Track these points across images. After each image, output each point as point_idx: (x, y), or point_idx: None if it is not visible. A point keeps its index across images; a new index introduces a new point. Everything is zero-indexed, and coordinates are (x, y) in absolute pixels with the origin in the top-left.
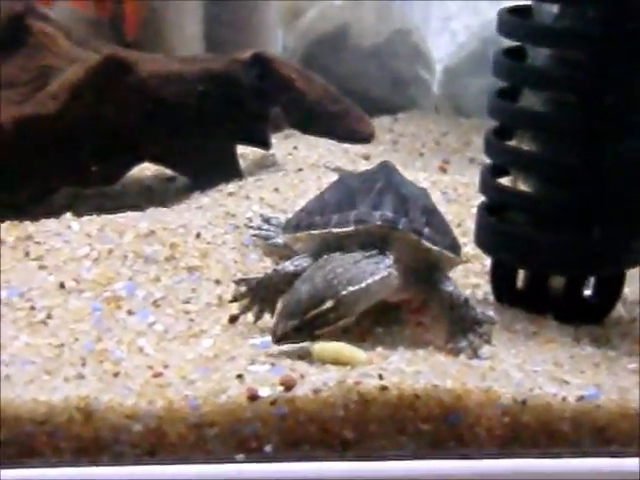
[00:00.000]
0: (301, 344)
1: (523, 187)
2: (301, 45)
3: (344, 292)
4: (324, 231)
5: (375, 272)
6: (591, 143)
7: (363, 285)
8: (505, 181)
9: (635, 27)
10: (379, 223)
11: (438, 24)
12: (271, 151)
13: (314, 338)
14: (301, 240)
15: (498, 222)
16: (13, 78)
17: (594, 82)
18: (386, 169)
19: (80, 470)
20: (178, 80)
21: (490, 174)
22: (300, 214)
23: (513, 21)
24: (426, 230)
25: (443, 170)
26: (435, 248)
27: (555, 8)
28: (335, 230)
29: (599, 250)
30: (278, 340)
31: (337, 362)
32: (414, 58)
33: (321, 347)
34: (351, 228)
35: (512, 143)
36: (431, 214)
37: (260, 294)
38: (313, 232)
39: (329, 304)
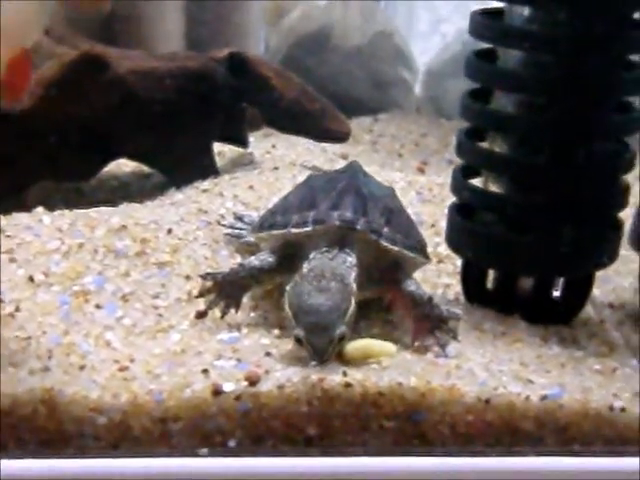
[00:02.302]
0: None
1: (494, 188)
2: (284, 45)
3: (353, 287)
4: (284, 231)
5: (350, 270)
6: (561, 145)
7: (352, 281)
8: (476, 182)
9: (604, 30)
10: (337, 223)
11: (428, 26)
12: (249, 149)
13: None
14: (264, 240)
15: (468, 223)
16: None
17: (563, 84)
18: (351, 169)
19: (39, 462)
20: (155, 77)
21: (461, 175)
22: (265, 214)
23: (483, 22)
24: (385, 230)
25: (421, 171)
26: (394, 248)
27: (526, 11)
28: (294, 230)
29: (568, 251)
30: (325, 358)
31: (368, 357)
32: (396, 59)
33: (352, 346)
34: (309, 228)
35: (484, 144)
36: (393, 214)
37: (226, 289)
38: (274, 232)
39: (353, 301)
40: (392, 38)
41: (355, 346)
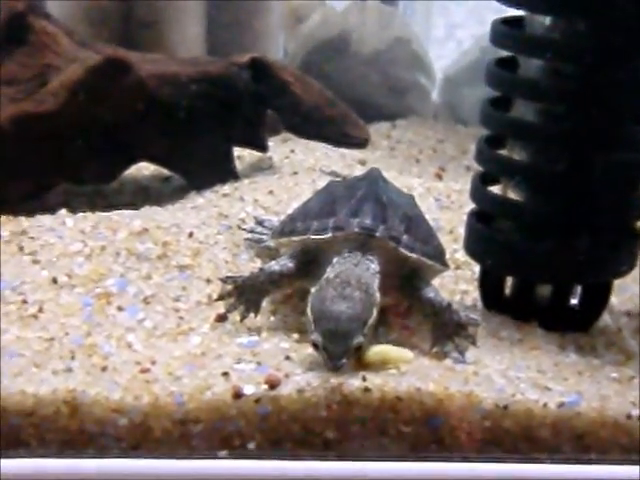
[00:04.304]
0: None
1: (513, 195)
2: (302, 50)
3: (377, 296)
4: (304, 237)
5: (374, 277)
6: (579, 154)
7: (377, 289)
8: (495, 189)
9: (624, 40)
10: (357, 230)
11: (444, 32)
12: (268, 154)
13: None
14: (284, 245)
15: (487, 229)
16: (14, 76)
17: (583, 94)
18: (371, 176)
19: (62, 462)
20: (176, 81)
21: (481, 182)
22: (285, 219)
23: (505, 31)
24: (404, 237)
25: (439, 177)
26: (413, 256)
27: (547, 20)
28: (314, 237)
29: (586, 259)
30: (339, 366)
31: (386, 364)
32: (414, 65)
33: (370, 351)
34: (329, 235)
35: (503, 152)
36: (413, 221)
37: (246, 293)
38: (294, 238)
39: (375, 311)
40: (410, 44)
41: (374, 351)
